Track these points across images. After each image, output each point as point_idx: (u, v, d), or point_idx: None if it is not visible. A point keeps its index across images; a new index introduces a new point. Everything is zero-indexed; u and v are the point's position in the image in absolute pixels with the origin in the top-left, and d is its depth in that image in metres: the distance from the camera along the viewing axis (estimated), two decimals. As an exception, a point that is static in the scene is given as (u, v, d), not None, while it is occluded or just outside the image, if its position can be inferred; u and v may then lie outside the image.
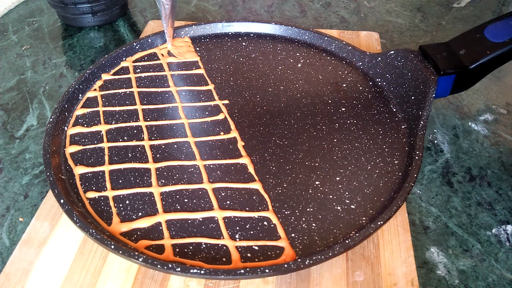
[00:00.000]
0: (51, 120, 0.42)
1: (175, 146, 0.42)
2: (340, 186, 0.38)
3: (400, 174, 0.39)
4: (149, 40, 0.54)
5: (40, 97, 0.52)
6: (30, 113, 0.50)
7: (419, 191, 0.40)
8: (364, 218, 0.35)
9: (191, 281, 0.32)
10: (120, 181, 0.39)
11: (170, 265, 0.30)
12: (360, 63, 0.51)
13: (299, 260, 0.30)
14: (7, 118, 0.49)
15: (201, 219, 0.35)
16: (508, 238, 0.36)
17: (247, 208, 0.36)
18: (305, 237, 0.34)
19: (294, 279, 0.33)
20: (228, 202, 0.37)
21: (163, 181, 0.39)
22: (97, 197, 0.37)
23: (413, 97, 0.44)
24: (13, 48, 0.60)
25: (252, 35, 0.56)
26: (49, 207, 0.38)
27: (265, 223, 0.35)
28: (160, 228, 0.35)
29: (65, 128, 0.44)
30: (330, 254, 0.31)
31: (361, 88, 0.48)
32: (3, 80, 0.55)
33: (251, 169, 0.39)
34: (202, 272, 0.30)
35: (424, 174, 0.42)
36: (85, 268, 0.33)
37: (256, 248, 0.33)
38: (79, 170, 0.39)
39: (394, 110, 0.45)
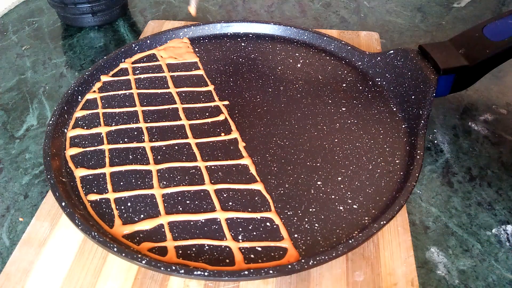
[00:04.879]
0: (50, 122, 0.42)
1: (176, 147, 0.42)
2: (342, 186, 0.38)
3: (401, 173, 0.39)
4: (148, 41, 0.54)
5: (40, 97, 0.52)
6: (30, 113, 0.50)
7: (419, 191, 0.40)
8: (366, 218, 0.35)
9: (191, 281, 0.33)
10: (122, 183, 0.39)
11: (173, 267, 0.30)
12: (360, 63, 0.51)
13: (302, 260, 0.30)
14: (7, 118, 0.49)
15: (203, 221, 0.36)
16: (508, 238, 0.37)
17: (249, 209, 0.36)
18: (308, 238, 0.34)
19: (294, 279, 0.33)
20: (230, 203, 0.37)
21: (165, 182, 0.39)
22: (98, 200, 0.37)
23: (413, 97, 0.44)
24: (13, 48, 0.60)
25: (251, 35, 0.56)
26: (49, 207, 0.38)
27: (268, 224, 0.35)
28: (163, 230, 0.35)
29: (65, 130, 0.44)
30: (333, 254, 0.31)
31: (361, 87, 0.48)
32: (3, 80, 0.54)
33: (252, 170, 0.40)
34: (206, 274, 0.30)
35: (424, 174, 0.42)
36: (85, 268, 0.34)
37: (259, 249, 0.33)
38: (79, 172, 0.39)
39: (394, 109, 0.45)
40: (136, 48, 0.53)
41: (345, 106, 0.46)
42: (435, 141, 0.45)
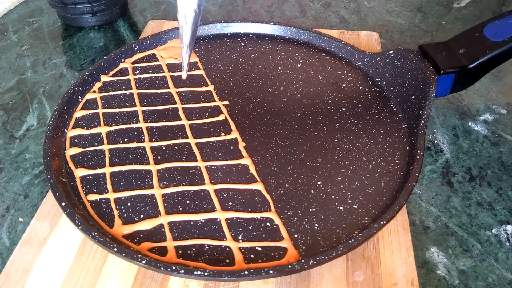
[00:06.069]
0: (50, 122, 0.42)
1: (176, 147, 0.42)
2: (342, 186, 0.38)
3: (401, 173, 0.39)
4: (148, 41, 0.54)
5: (40, 97, 0.52)
6: (30, 113, 0.50)
7: (419, 191, 0.40)
8: (366, 218, 0.35)
9: (191, 281, 0.33)
10: (122, 183, 0.39)
11: (173, 267, 0.30)
12: (360, 63, 0.51)
13: (302, 260, 0.30)
14: (7, 118, 0.49)
15: (203, 221, 0.36)
16: (508, 238, 0.37)
17: (249, 209, 0.36)
18: (308, 238, 0.34)
19: (294, 279, 0.33)
20: (230, 203, 0.37)
21: (165, 182, 0.39)
22: (98, 200, 0.37)
23: (413, 97, 0.44)
24: (13, 48, 0.60)
25: (251, 35, 0.56)
26: (49, 207, 0.38)
27: (268, 224, 0.35)
28: (163, 230, 0.35)
29: (65, 130, 0.44)
30: (333, 254, 0.31)
31: (361, 88, 0.48)
32: (3, 80, 0.54)
33: (252, 170, 0.40)
34: (206, 274, 0.30)
35: (424, 174, 0.42)
36: (85, 268, 0.34)
37: (259, 249, 0.33)
38: (79, 172, 0.39)
39: (395, 109, 0.45)
40: (136, 48, 0.53)
41: (345, 106, 0.46)
42: (435, 141, 0.45)
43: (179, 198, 0.37)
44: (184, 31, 0.43)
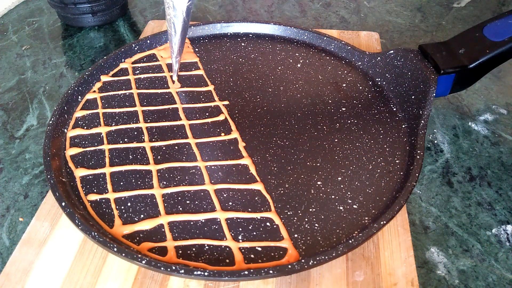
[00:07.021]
0: (50, 122, 0.42)
1: (176, 147, 0.42)
2: (342, 186, 0.38)
3: (401, 173, 0.39)
4: (148, 41, 0.54)
5: (40, 97, 0.52)
6: (30, 113, 0.50)
7: (419, 191, 0.40)
8: (366, 218, 0.35)
9: (191, 281, 0.33)
10: (122, 183, 0.39)
11: (173, 267, 0.30)
12: (360, 63, 0.51)
13: (302, 260, 0.30)
14: (7, 118, 0.49)
15: (203, 221, 0.36)
16: (508, 238, 0.37)
17: (249, 209, 0.36)
18: (308, 238, 0.34)
19: (294, 279, 0.33)
20: (230, 203, 0.37)
21: (165, 182, 0.39)
22: (98, 200, 0.37)
23: (413, 97, 0.44)
24: (13, 48, 0.60)
25: (251, 35, 0.56)
26: (49, 207, 0.38)
27: (268, 224, 0.35)
28: (163, 230, 0.35)
29: (65, 130, 0.44)
30: (333, 254, 0.31)
31: (361, 88, 0.48)
32: (3, 80, 0.54)
33: (252, 170, 0.40)
34: (206, 274, 0.30)
35: (424, 174, 0.42)
36: (85, 268, 0.34)
37: (259, 249, 0.33)
38: (79, 172, 0.39)
39: (395, 109, 0.45)
40: (136, 48, 0.53)
41: (345, 106, 0.46)
42: (435, 141, 0.45)
43: (179, 198, 0.37)
44: (174, 40, 0.45)
